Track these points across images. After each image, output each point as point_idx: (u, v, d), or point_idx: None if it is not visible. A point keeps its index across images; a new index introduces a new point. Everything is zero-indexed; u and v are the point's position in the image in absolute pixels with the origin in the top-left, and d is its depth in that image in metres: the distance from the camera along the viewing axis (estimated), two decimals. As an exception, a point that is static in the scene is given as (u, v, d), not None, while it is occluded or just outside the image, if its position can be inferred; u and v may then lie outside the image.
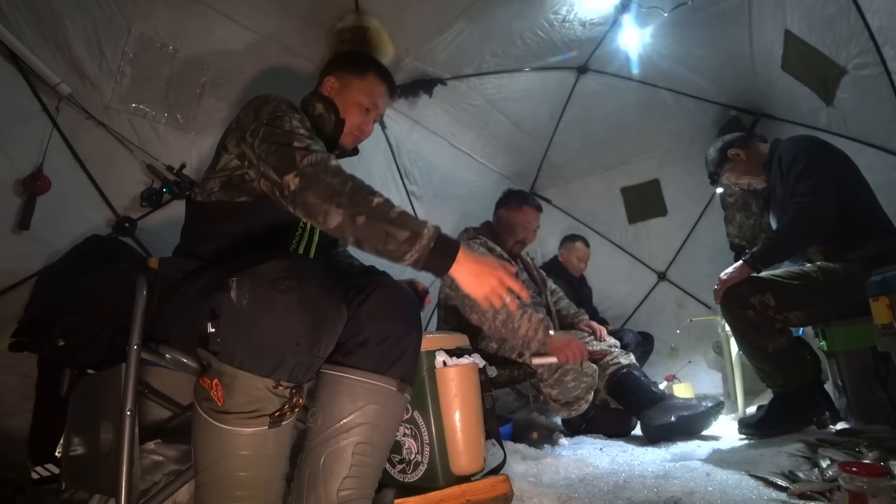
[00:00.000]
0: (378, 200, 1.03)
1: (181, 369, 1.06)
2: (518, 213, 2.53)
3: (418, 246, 1.01)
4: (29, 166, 1.69)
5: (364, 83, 1.40)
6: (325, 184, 1.03)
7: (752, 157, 2.16)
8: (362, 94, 1.39)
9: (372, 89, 1.41)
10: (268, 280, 0.89)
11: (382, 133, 2.89)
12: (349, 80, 1.40)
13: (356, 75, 1.41)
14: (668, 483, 1.36)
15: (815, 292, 1.83)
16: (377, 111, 1.43)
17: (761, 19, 2.50)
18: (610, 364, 2.31)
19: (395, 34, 2.22)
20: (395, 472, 1.29)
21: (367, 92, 1.40)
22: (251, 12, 2.04)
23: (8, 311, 1.53)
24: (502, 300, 1.09)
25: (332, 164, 1.06)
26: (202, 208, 1.23)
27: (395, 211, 1.03)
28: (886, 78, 1.93)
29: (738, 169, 2.20)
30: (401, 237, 1.01)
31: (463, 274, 1.07)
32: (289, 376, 0.90)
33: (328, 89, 1.40)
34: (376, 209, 1.02)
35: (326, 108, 1.35)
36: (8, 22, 1.59)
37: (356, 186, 1.04)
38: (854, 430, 1.73)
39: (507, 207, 2.56)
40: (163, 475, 1.23)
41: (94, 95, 1.84)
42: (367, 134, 1.44)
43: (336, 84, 1.40)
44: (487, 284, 1.08)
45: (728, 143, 2.22)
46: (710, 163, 2.28)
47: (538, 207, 2.63)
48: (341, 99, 1.38)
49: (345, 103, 1.38)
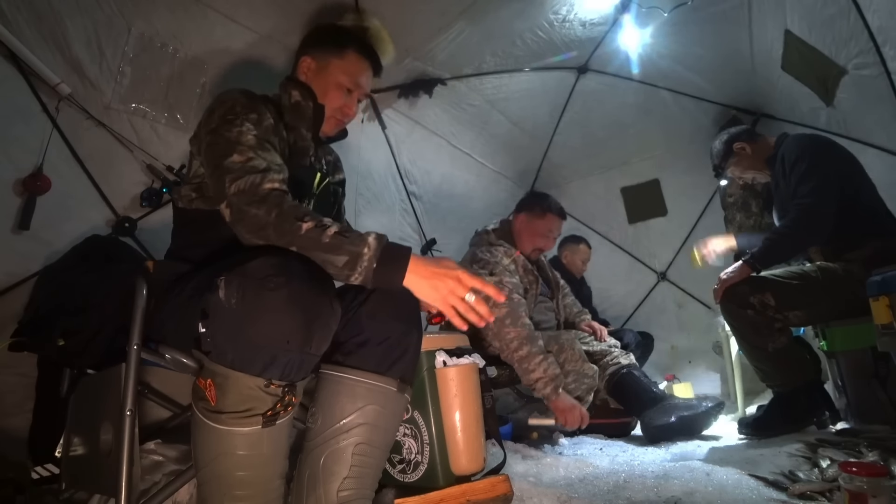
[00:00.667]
0: (307, 226, 0.94)
1: (181, 369, 1.06)
2: (541, 220, 2.41)
3: (360, 268, 0.94)
4: (29, 166, 1.69)
5: (343, 62, 1.29)
6: (250, 216, 0.96)
7: (758, 151, 2.15)
8: (342, 74, 1.29)
9: (353, 67, 1.30)
10: (256, 278, 0.88)
11: (382, 133, 2.89)
12: (327, 60, 1.29)
13: (334, 53, 1.29)
14: (668, 483, 1.36)
15: (814, 292, 1.83)
16: (360, 90, 1.32)
17: (761, 19, 2.50)
18: (610, 364, 2.31)
19: (395, 34, 2.20)
20: (395, 472, 1.29)
21: (347, 71, 1.29)
22: (251, 12, 2.04)
23: (8, 311, 1.53)
24: (464, 302, 0.99)
25: (263, 188, 0.98)
26: (186, 215, 1.20)
27: (327, 235, 0.94)
28: (886, 78, 1.93)
29: (744, 163, 2.19)
30: (339, 262, 0.94)
31: (416, 282, 0.97)
32: (280, 375, 0.89)
33: (304, 71, 1.30)
34: (306, 237, 0.94)
35: (303, 94, 1.26)
36: (8, 22, 1.59)
37: (282, 214, 0.95)
38: (854, 430, 1.73)
39: (530, 212, 2.43)
40: (163, 475, 1.23)
41: (94, 95, 1.84)
42: (350, 117, 1.35)
43: (313, 65, 1.30)
44: (444, 287, 0.98)
45: (734, 136, 2.21)
46: (716, 155, 2.26)
47: (562, 214, 2.48)
48: (319, 81, 1.28)
49: (324, 85, 1.28)
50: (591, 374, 2.18)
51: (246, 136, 1.07)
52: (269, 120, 1.14)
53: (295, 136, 1.26)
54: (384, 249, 0.96)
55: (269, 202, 0.97)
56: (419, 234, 3.29)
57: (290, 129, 1.26)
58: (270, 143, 1.10)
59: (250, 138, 1.06)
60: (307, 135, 1.28)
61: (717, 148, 2.25)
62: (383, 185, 3.00)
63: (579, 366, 2.16)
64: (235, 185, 0.99)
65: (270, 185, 1.00)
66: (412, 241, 3.25)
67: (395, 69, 2.53)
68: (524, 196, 2.62)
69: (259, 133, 1.09)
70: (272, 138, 1.12)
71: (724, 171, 2.27)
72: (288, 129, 1.25)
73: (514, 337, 2.01)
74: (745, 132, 2.23)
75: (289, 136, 1.24)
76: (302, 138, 1.28)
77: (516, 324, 2.02)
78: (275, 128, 1.17)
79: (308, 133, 1.28)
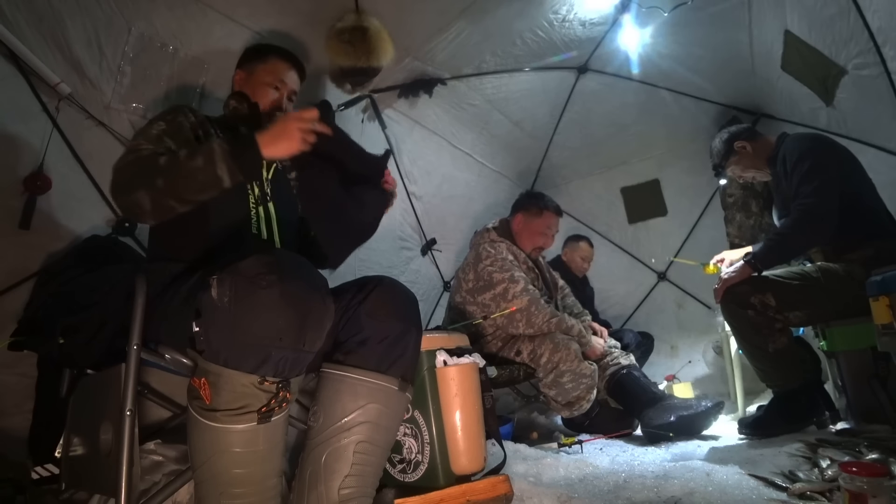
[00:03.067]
0: (164, 159, 1.07)
1: (180, 370, 1.06)
2: (539, 218, 2.45)
3: (220, 162, 1.05)
4: (29, 166, 1.69)
5: (266, 65, 1.47)
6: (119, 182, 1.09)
7: (759, 150, 2.14)
8: (267, 74, 1.45)
9: (274, 67, 1.46)
10: (248, 276, 0.89)
11: (382, 133, 2.89)
12: (253, 67, 1.47)
13: (258, 61, 1.48)
14: (668, 483, 1.36)
15: (815, 292, 1.82)
16: (286, 87, 1.46)
17: (761, 19, 2.50)
18: (610, 364, 2.31)
19: (395, 34, 2.22)
20: (395, 471, 1.29)
21: (269, 71, 1.45)
22: (251, 12, 2.04)
23: (8, 311, 1.52)
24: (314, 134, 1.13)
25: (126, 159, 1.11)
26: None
27: (180, 157, 1.07)
28: (886, 78, 1.93)
29: (744, 162, 2.18)
30: (199, 163, 1.05)
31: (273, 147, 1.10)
32: (274, 372, 0.89)
33: (238, 82, 1.47)
34: (166, 166, 1.06)
35: (237, 99, 1.41)
36: (8, 22, 1.59)
37: (140, 162, 1.09)
38: (854, 430, 1.73)
39: (527, 212, 2.47)
40: (163, 475, 1.23)
41: (94, 95, 1.84)
42: (285, 111, 1.45)
43: (243, 74, 1.48)
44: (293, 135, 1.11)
45: (735, 135, 2.20)
46: (716, 154, 2.25)
47: (558, 211, 2.55)
48: (250, 85, 1.44)
49: (254, 87, 1.43)
50: (588, 373, 2.18)
51: (149, 131, 1.20)
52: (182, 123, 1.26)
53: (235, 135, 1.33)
54: (229, 140, 1.09)
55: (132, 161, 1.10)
56: (419, 234, 3.29)
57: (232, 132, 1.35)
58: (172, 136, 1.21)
59: (152, 132, 1.19)
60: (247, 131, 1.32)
61: (718, 147, 2.24)
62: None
63: (576, 365, 2.16)
64: (119, 160, 1.12)
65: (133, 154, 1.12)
66: (412, 241, 3.26)
67: (395, 69, 2.52)
68: (519, 197, 2.64)
69: (166, 128, 1.22)
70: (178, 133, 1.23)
71: (724, 170, 2.27)
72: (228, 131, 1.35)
73: (544, 316, 2.19)
74: (745, 130, 2.23)
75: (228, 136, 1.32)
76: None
77: (540, 309, 2.19)
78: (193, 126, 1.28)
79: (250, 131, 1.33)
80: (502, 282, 2.21)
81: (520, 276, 2.23)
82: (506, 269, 2.22)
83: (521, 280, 2.21)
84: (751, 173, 2.21)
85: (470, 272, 2.33)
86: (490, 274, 2.23)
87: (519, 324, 2.18)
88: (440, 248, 3.39)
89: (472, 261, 2.36)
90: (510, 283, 2.20)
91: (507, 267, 2.23)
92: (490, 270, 2.23)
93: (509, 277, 2.20)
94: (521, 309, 2.16)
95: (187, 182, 1.05)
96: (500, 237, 2.40)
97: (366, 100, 2.70)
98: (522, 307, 2.15)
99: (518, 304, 2.15)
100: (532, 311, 2.18)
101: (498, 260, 2.26)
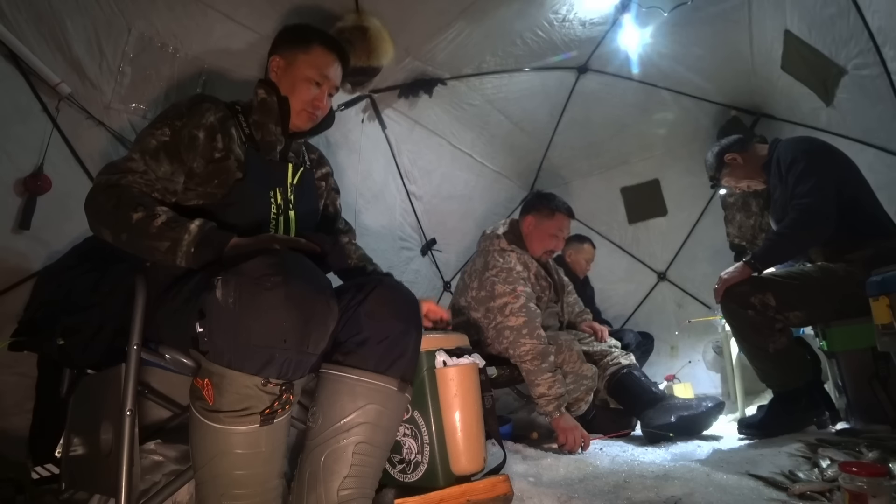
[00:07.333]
0: (139, 216, 1.03)
1: (181, 370, 1.06)
2: (550, 220, 2.36)
3: (180, 252, 1.01)
4: (29, 166, 1.69)
5: (309, 56, 1.33)
6: (95, 202, 1.07)
7: (750, 160, 2.16)
8: (309, 68, 1.32)
9: (319, 60, 1.33)
10: (253, 277, 0.88)
11: (382, 133, 2.89)
12: (294, 56, 1.33)
13: (300, 49, 1.33)
14: (668, 483, 1.36)
15: (815, 292, 1.82)
16: (329, 83, 1.35)
17: (761, 19, 2.50)
18: (610, 364, 2.31)
19: (395, 34, 2.22)
20: (395, 472, 1.29)
21: (313, 64, 1.32)
22: (251, 12, 2.04)
23: (8, 311, 1.53)
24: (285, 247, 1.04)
25: (119, 182, 1.08)
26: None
27: (154, 225, 1.02)
28: (886, 78, 1.93)
29: (737, 173, 2.20)
30: (162, 248, 1.01)
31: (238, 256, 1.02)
32: (278, 374, 0.89)
33: (274, 70, 1.34)
34: (136, 226, 1.03)
35: (268, 91, 1.30)
36: (8, 22, 1.59)
37: (120, 203, 1.05)
38: (854, 430, 1.73)
39: (538, 214, 2.38)
40: (163, 475, 1.23)
41: (94, 95, 1.83)
42: (322, 110, 1.37)
43: (281, 63, 1.33)
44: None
45: (725, 148, 2.21)
46: (709, 168, 2.28)
47: (570, 213, 2.42)
48: (288, 77, 1.32)
49: (292, 80, 1.31)
50: (589, 374, 2.18)
51: (149, 141, 1.15)
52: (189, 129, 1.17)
53: (262, 132, 1.31)
54: (204, 235, 1.02)
55: (114, 192, 1.07)
56: (419, 234, 3.29)
57: (259, 126, 1.30)
58: (173, 153, 1.15)
59: (152, 144, 1.14)
60: (276, 129, 1.32)
61: (710, 161, 2.26)
62: (383, 185, 2.99)
63: (578, 367, 2.16)
64: (103, 175, 1.10)
65: (127, 182, 1.09)
66: (412, 241, 3.25)
67: (395, 69, 2.52)
68: (529, 197, 2.58)
69: (169, 140, 1.15)
70: (184, 148, 1.16)
71: (720, 183, 2.28)
72: (256, 126, 1.30)
73: (528, 350, 2.03)
74: (735, 143, 2.23)
75: (255, 133, 1.30)
76: (269, 133, 1.31)
77: (532, 335, 2.05)
78: (211, 130, 1.20)
79: (277, 128, 1.31)
80: (503, 294, 2.14)
81: (522, 292, 2.15)
82: (510, 281, 2.15)
83: (523, 296, 2.13)
84: (745, 183, 2.22)
85: (476, 280, 2.29)
86: (493, 285, 2.17)
87: (505, 341, 2.09)
88: (440, 248, 3.39)
89: (479, 268, 2.30)
90: (511, 296, 2.13)
91: (512, 280, 2.16)
92: (494, 281, 2.17)
93: (511, 291, 2.12)
94: (512, 327, 2.07)
95: (147, 251, 1.04)
96: (510, 244, 2.32)
97: (366, 100, 2.70)
98: (515, 326, 2.06)
99: (513, 322, 2.08)
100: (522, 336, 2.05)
101: (503, 271, 2.19)
